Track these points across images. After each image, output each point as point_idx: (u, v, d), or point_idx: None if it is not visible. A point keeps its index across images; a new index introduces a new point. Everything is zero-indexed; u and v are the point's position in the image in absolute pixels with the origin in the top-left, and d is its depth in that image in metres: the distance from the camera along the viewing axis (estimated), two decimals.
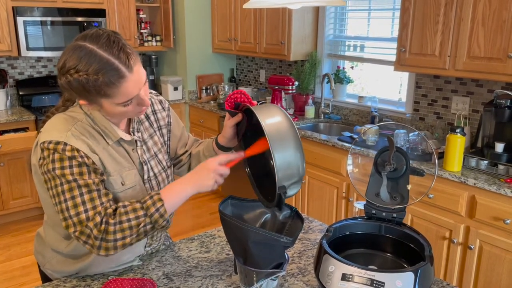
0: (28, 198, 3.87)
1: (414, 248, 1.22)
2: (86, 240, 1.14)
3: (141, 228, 1.16)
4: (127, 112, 1.19)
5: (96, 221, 1.13)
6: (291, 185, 1.12)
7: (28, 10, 3.78)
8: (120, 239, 1.14)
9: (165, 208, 1.17)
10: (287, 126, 1.13)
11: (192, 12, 4.47)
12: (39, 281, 2.69)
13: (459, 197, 2.36)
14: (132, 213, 1.15)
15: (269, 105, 1.19)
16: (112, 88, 1.11)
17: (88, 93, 1.12)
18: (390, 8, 3.31)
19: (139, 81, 1.15)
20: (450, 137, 2.37)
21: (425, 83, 3.10)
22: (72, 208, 1.14)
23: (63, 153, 1.15)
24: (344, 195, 3.02)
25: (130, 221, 1.15)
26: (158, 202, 1.16)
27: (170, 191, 1.21)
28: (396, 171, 1.27)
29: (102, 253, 1.15)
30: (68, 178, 1.14)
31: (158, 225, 1.17)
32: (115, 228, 1.14)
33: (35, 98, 4.21)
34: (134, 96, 1.15)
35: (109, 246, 1.14)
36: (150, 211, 1.16)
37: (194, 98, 4.70)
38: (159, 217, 1.16)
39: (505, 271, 2.24)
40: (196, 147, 1.52)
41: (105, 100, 1.14)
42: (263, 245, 1.13)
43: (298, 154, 1.12)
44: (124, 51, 1.11)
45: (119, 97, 1.13)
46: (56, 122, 1.21)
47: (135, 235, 1.16)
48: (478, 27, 2.41)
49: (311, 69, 3.82)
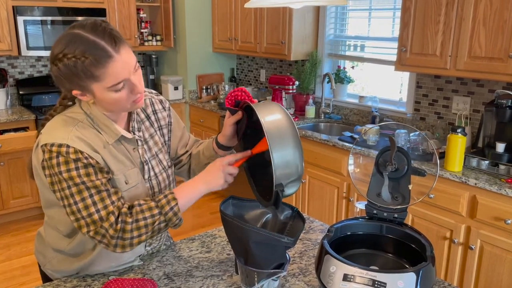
0: (28, 197, 3.86)
1: (416, 248, 1.22)
2: (101, 240, 1.18)
3: (156, 226, 1.20)
4: (121, 100, 1.17)
5: (111, 221, 1.16)
6: (289, 184, 1.12)
7: (28, 10, 3.78)
8: (136, 236, 1.18)
9: (178, 207, 1.21)
10: (286, 124, 1.13)
11: (192, 11, 4.47)
12: (39, 281, 2.69)
13: (460, 197, 2.36)
14: (148, 212, 1.19)
15: (269, 103, 1.19)
16: (100, 69, 1.10)
17: (78, 78, 1.12)
18: (391, 8, 3.31)
19: (128, 63, 1.14)
20: (451, 137, 2.37)
21: (426, 83, 3.10)
22: (84, 209, 1.16)
23: (67, 156, 1.14)
24: (345, 195, 3.01)
25: (146, 219, 1.18)
26: (172, 201, 1.21)
27: (183, 190, 1.25)
28: (397, 171, 1.26)
29: (118, 250, 1.19)
30: (76, 181, 1.15)
31: (172, 223, 1.21)
32: (132, 227, 1.17)
33: (35, 97, 4.20)
34: (124, 79, 1.14)
35: (125, 244, 1.18)
36: (164, 210, 1.20)
37: (195, 98, 4.70)
38: (173, 216, 1.20)
39: (506, 271, 2.24)
40: (196, 148, 1.52)
41: (96, 85, 1.13)
42: (264, 245, 1.13)
43: (297, 152, 1.11)
44: (111, 34, 1.12)
45: (108, 79, 1.12)
46: (56, 124, 1.21)
47: (150, 233, 1.20)
48: (479, 27, 2.40)
49: (311, 69, 3.82)
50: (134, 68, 1.16)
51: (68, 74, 1.12)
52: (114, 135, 1.26)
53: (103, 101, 1.18)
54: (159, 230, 1.22)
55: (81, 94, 1.18)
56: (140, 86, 1.19)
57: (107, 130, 1.25)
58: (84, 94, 1.18)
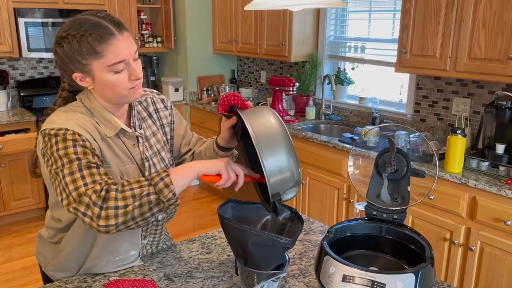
0: (29, 199, 3.87)
1: (415, 249, 1.22)
2: (85, 211, 1.07)
3: (145, 197, 1.09)
4: (120, 83, 1.19)
5: (96, 188, 1.09)
6: (287, 190, 1.11)
7: (29, 11, 3.79)
8: (122, 207, 1.07)
9: (170, 179, 1.11)
10: (277, 130, 1.10)
11: (193, 13, 4.48)
12: (40, 282, 2.69)
13: (460, 199, 2.36)
14: (136, 184, 1.11)
15: (259, 108, 1.17)
16: (103, 45, 1.15)
17: (81, 56, 1.15)
18: (391, 10, 3.31)
19: (130, 45, 1.19)
20: (451, 139, 2.37)
21: (425, 84, 3.10)
22: (71, 183, 1.10)
23: (64, 136, 1.15)
24: (345, 196, 3.02)
25: (133, 189, 1.09)
26: (163, 173, 1.12)
27: (176, 168, 1.18)
28: (397, 173, 1.27)
29: (102, 223, 1.06)
30: (71, 157, 1.13)
31: (164, 196, 1.09)
32: (117, 195, 1.08)
33: (36, 99, 4.21)
34: (125, 60, 1.17)
35: (109, 214, 1.06)
36: (154, 181, 1.10)
37: (195, 99, 4.71)
38: (164, 187, 1.09)
39: (506, 273, 2.24)
40: (199, 146, 1.53)
41: (97, 63, 1.16)
42: (263, 247, 1.13)
43: (291, 158, 1.09)
44: (113, 19, 1.20)
45: (110, 56, 1.15)
46: (56, 115, 1.23)
47: (138, 204, 1.08)
48: (479, 28, 2.41)
49: (311, 70, 3.83)
50: (135, 54, 1.21)
51: (71, 53, 1.16)
52: (113, 128, 1.26)
53: (102, 83, 1.19)
54: (149, 204, 1.09)
55: (81, 78, 1.20)
56: (139, 72, 1.22)
57: (107, 123, 1.26)
58: (84, 78, 1.20)
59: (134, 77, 1.21)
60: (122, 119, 1.33)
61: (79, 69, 1.18)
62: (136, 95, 1.25)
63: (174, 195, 1.11)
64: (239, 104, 1.29)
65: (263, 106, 1.20)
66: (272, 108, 1.34)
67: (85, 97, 1.26)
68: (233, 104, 1.29)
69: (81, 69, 1.18)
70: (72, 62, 1.18)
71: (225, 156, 1.43)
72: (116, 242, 1.33)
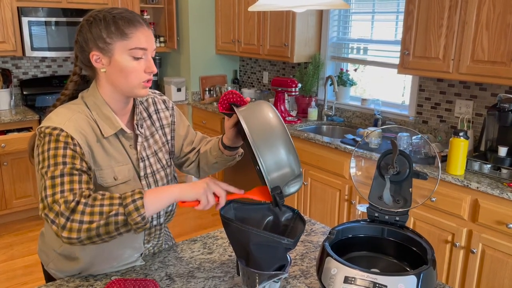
0: (31, 197, 3.88)
1: (417, 251, 1.22)
2: (54, 219, 1.08)
3: (112, 216, 1.07)
4: (134, 72, 1.22)
5: (68, 199, 1.08)
6: (288, 184, 1.11)
7: (32, 11, 3.80)
8: (87, 222, 1.06)
9: (142, 202, 1.09)
10: (274, 124, 1.10)
11: (196, 13, 4.48)
12: (41, 280, 2.70)
13: (462, 201, 2.36)
14: (108, 200, 1.10)
15: (256, 104, 1.17)
16: (131, 28, 1.20)
17: (106, 33, 1.19)
18: (394, 11, 3.31)
19: (152, 40, 1.25)
20: (453, 141, 2.37)
21: (428, 86, 3.10)
22: (50, 187, 1.10)
23: (57, 137, 1.16)
24: (347, 198, 3.02)
25: (103, 206, 1.08)
26: (136, 195, 1.10)
27: (154, 189, 1.16)
28: (399, 174, 1.27)
29: (65, 235, 1.06)
30: (58, 160, 1.14)
31: (132, 219, 1.08)
32: (84, 209, 1.07)
33: (39, 98, 4.22)
34: (146, 48, 1.22)
35: (73, 227, 1.06)
36: (126, 201, 1.09)
37: (197, 99, 4.71)
38: (134, 210, 1.08)
39: (507, 275, 2.24)
40: (204, 146, 1.52)
41: (120, 44, 1.20)
42: (265, 247, 1.13)
43: (289, 152, 1.09)
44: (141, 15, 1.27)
45: (134, 39, 1.20)
46: (56, 114, 1.23)
47: (104, 223, 1.07)
48: (482, 30, 2.41)
49: (314, 71, 3.83)
50: (153, 52, 1.26)
51: (98, 29, 1.20)
52: (113, 127, 1.27)
53: (118, 67, 1.21)
54: (116, 225, 1.08)
55: (97, 58, 1.22)
56: (154, 67, 1.25)
57: (107, 121, 1.26)
58: (100, 59, 1.22)
59: (149, 70, 1.24)
60: (124, 118, 1.33)
61: (100, 48, 1.20)
62: (143, 92, 1.26)
63: (143, 219, 1.10)
64: (238, 101, 1.28)
65: (259, 101, 1.20)
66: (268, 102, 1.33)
67: (89, 94, 1.27)
68: (232, 102, 1.29)
69: (102, 48, 1.20)
70: (96, 39, 1.20)
71: (231, 155, 1.43)
72: (119, 249, 1.34)
